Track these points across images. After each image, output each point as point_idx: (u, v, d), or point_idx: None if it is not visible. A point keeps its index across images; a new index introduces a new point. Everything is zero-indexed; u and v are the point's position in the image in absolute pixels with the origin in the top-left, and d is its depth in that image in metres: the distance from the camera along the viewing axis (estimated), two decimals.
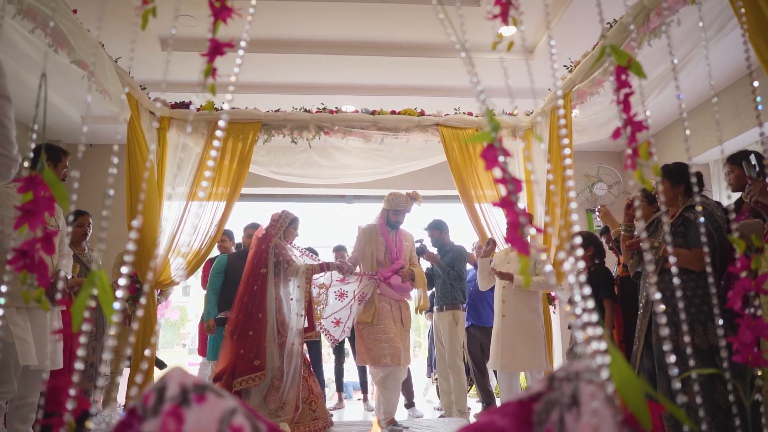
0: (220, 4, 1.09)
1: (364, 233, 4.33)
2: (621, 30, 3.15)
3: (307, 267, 4.11)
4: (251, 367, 3.78)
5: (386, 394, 4.07)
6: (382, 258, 4.24)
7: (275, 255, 4.09)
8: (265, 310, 3.94)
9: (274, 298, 3.99)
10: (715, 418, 2.37)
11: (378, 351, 4.01)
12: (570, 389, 0.74)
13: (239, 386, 3.75)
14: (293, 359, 3.88)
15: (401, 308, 4.23)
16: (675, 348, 2.57)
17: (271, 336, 3.90)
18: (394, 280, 4.13)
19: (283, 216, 4.24)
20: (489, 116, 0.93)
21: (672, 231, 2.65)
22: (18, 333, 2.61)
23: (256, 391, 3.82)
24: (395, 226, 4.32)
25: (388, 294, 4.17)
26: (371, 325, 4.08)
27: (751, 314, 1.04)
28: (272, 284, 4.02)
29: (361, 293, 4.17)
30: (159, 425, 0.68)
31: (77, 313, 0.88)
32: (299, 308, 4.01)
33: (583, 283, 0.86)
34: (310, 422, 3.88)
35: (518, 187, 0.87)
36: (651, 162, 1.03)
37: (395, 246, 4.28)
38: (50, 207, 1.04)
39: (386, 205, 4.33)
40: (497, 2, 1.12)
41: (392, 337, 4.06)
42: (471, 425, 0.77)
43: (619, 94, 1.09)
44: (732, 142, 4.83)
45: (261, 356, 3.82)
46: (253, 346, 3.84)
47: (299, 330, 3.96)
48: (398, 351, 4.03)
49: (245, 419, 0.70)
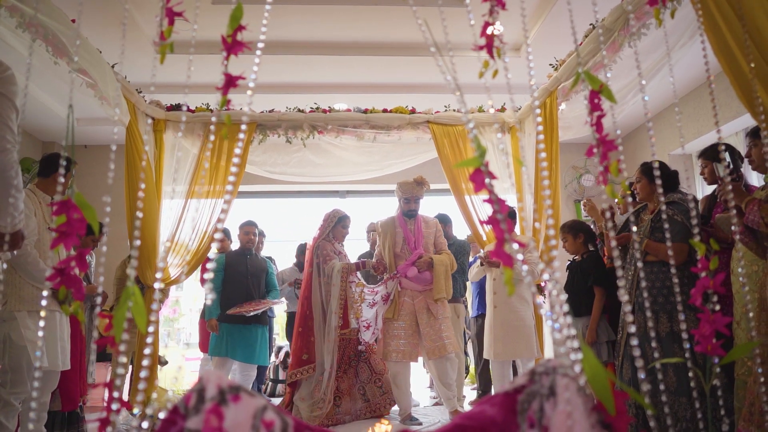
0: (231, 40, 1.20)
1: (381, 227, 4.33)
2: (603, 32, 3.27)
3: (343, 266, 4.26)
4: (300, 360, 4.18)
5: (396, 391, 4.14)
6: (399, 250, 4.21)
7: (317, 255, 4.32)
8: (311, 307, 4.25)
9: (319, 296, 4.25)
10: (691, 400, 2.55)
11: (393, 347, 4.03)
12: (548, 382, 0.88)
13: (290, 378, 4.17)
14: (332, 355, 4.12)
15: (427, 299, 4.12)
16: (656, 335, 2.72)
17: (318, 332, 4.20)
18: (410, 272, 4.07)
19: (331, 215, 4.44)
20: (477, 142, 1.05)
21: (652, 226, 2.80)
22: (29, 336, 2.72)
23: (306, 383, 4.14)
24: (410, 214, 4.28)
25: (410, 287, 4.13)
26: (391, 320, 4.11)
27: (710, 309, 1.17)
28: (317, 283, 4.28)
29: (386, 294, 4.21)
30: (202, 422, 0.80)
31: (118, 325, 1.00)
32: (336, 306, 4.20)
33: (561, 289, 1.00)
34: (380, 397, 4.26)
35: (503, 207, 1.00)
36: (620, 178, 1.16)
37: (413, 235, 4.22)
38: (82, 228, 1.15)
39: (397, 194, 4.34)
40: (483, 34, 1.24)
41: (411, 333, 4.04)
42: (465, 414, 0.90)
43: (593, 117, 1.22)
44: (712, 135, 5.00)
45: (309, 351, 4.17)
46: (303, 341, 4.21)
47: (336, 327, 4.17)
48: (414, 348, 4.03)
49: (275, 415, 0.82)
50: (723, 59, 1.93)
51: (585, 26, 3.72)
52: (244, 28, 1.20)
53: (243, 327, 4.49)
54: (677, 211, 2.73)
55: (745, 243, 2.19)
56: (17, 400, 2.72)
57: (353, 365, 4.32)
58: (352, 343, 4.32)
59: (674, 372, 2.61)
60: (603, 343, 3.42)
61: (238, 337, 4.47)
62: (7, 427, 2.65)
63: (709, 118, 5.05)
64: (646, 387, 0.96)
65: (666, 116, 5.78)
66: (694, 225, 1.11)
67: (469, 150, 4.91)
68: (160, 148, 4.68)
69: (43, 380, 2.88)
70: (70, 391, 3.45)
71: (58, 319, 2.94)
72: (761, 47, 1.74)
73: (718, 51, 1.94)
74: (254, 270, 4.75)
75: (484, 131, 4.99)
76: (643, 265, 2.82)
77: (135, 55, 4.50)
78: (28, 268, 2.69)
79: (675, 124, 5.53)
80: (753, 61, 1.70)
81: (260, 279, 4.79)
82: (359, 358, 4.35)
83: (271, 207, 8.26)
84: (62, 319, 3.02)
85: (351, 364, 4.31)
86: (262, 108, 4.97)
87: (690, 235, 2.66)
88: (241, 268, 4.66)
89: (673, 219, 2.73)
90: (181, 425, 0.83)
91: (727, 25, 1.84)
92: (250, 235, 4.77)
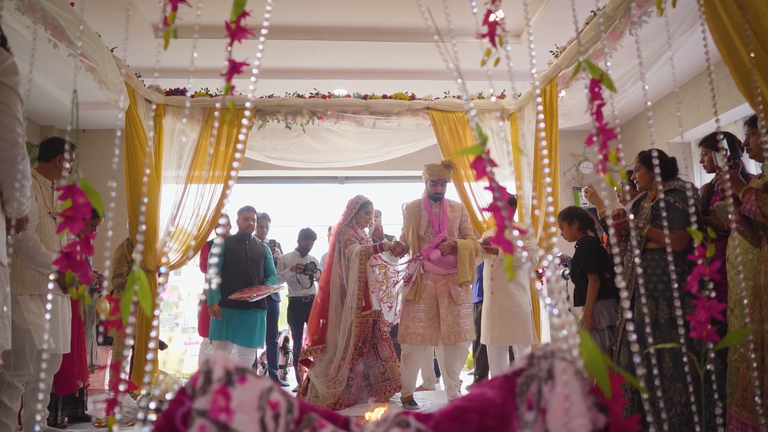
0: (235, 26, 1.21)
1: (407, 210, 4.32)
2: (604, 19, 3.27)
3: (362, 249, 4.30)
4: (313, 340, 4.34)
5: (404, 371, 4.19)
6: (422, 233, 4.20)
7: (339, 240, 4.39)
8: (328, 291, 4.35)
9: (338, 280, 4.34)
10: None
11: (412, 329, 4.04)
12: (546, 365, 0.90)
13: (303, 356, 4.36)
14: (348, 337, 4.19)
15: (449, 283, 4.10)
16: (656, 321, 2.74)
17: (334, 313, 4.30)
18: (433, 255, 4.05)
19: (355, 201, 4.48)
20: (478, 130, 1.07)
21: (653, 213, 2.81)
22: (32, 319, 2.75)
23: (320, 364, 4.27)
24: (436, 197, 4.25)
25: (433, 270, 4.11)
26: (412, 302, 4.11)
27: (706, 296, 1.20)
28: (337, 267, 4.37)
29: (407, 275, 4.23)
30: (210, 402, 0.83)
31: (125, 309, 1.01)
32: (354, 288, 4.26)
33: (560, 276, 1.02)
34: (382, 383, 4.34)
35: (504, 195, 1.02)
36: (619, 166, 1.18)
37: (437, 219, 4.21)
38: (87, 212, 1.16)
39: (423, 177, 4.31)
40: (485, 22, 1.24)
41: (431, 316, 4.04)
42: (465, 396, 0.93)
43: (593, 106, 1.23)
44: (711, 123, 5.00)
45: (319, 332, 4.31)
46: (315, 322, 4.36)
47: (354, 309, 4.22)
48: (434, 332, 4.03)
49: (281, 396, 0.84)
50: (723, 48, 1.94)
51: (586, 13, 3.71)
52: (248, 14, 1.20)
53: (244, 312, 4.55)
54: (678, 198, 2.74)
55: (740, 232, 2.21)
56: (20, 382, 2.75)
57: (371, 348, 4.37)
58: (369, 325, 4.37)
59: (671, 358, 2.65)
60: (604, 329, 3.41)
61: (238, 322, 4.53)
62: (10, 408, 2.69)
63: (708, 107, 5.06)
64: (642, 371, 0.99)
65: (664, 104, 5.77)
66: (692, 213, 1.13)
67: (468, 136, 4.91)
68: (159, 133, 4.68)
69: (47, 363, 2.91)
70: (65, 375, 3.46)
71: (60, 302, 2.97)
72: (761, 37, 1.75)
73: (718, 40, 1.95)
74: (254, 255, 4.79)
75: (484, 118, 4.99)
76: (643, 252, 2.84)
77: (134, 38, 4.47)
78: (29, 252, 2.72)
79: (673, 112, 5.53)
80: (753, 50, 1.71)
81: (260, 264, 4.84)
82: (372, 342, 4.40)
83: (270, 192, 8.27)
84: (64, 302, 3.05)
85: (368, 347, 4.36)
86: (262, 93, 4.95)
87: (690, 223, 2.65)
88: (240, 254, 4.70)
89: (675, 206, 2.74)
90: (188, 405, 0.85)
91: (728, 15, 1.84)
92: (249, 221, 4.80)
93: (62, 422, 3.71)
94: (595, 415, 0.86)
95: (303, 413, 0.85)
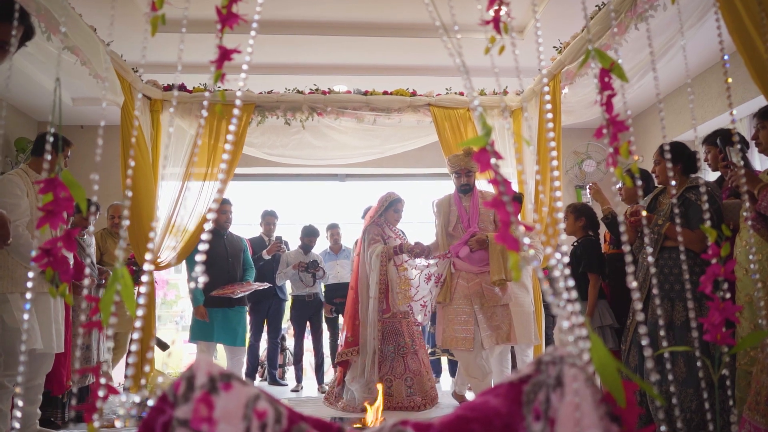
0: (226, 11, 1.14)
1: (437, 206, 4.04)
2: (607, 15, 3.20)
3: (383, 249, 4.18)
4: (347, 342, 4.23)
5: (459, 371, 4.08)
6: (452, 230, 3.90)
7: (365, 239, 4.30)
8: (358, 291, 4.25)
9: (366, 280, 4.23)
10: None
11: (450, 333, 3.73)
12: (555, 372, 0.84)
13: (338, 358, 4.24)
14: (375, 340, 4.09)
15: (482, 282, 3.76)
16: (671, 323, 2.64)
17: (363, 315, 4.19)
18: (462, 252, 3.74)
19: (384, 198, 4.37)
20: (482, 121, 1.00)
21: (678, 211, 2.71)
22: (24, 318, 2.69)
23: (354, 365, 4.16)
24: (464, 189, 3.92)
25: (465, 269, 3.80)
26: (445, 305, 3.82)
27: (720, 297, 1.13)
28: (363, 266, 4.26)
29: (438, 274, 3.97)
30: (191, 411, 0.76)
31: (105, 309, 0.95)
32: (375, 291, 4.14)
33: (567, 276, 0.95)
34: (405, 398, 4.04)
35: (509, 189, 0.96)
36: (630, 160, 1.11)
37: (467, 213, 3.89)
38: (69, 206, 1.11)
39: (448, 170, 4.07)
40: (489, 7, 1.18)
41: (467, 319, 3.70)
42: (468, 404, 0.86)
43: (603, 96, 1.17)
44: (719, 119, 4.93)
45: (353, 333, 4.19)
46: (351, 323, 4.25)
47: (377, 311, 4.11)
48: (471, 333, 3.67)
49: (268, 404, 0.78)
50: (738, 38, 1.87)
51: (591, 8, 3.64)
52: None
53: (227, 310, 4.39)
54: (700, 196, 2.64)
55: (756, 230, 2.14)
56: (11, 382, 2.70)
57: (400, 356, 4.14)
58: (396, 329, 4.15)
59: (684, 362, 2.56)
60: (605, 327, 3.37)
61: (221, 320, 4.37)
62: (1, 409, 2.63)
63: (714, 104, 4.98)
64: (655, 377, 0.93)
65: (669, 102, 5.71)
66: (713, 210, 1.06)
67: (470, 134, 4.84)
68: (156, 128, 4.62)
69: (38, 363, 2.85)
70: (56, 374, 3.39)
71: (53, 301, 2.91)
72: None
73: (732, 30, 1.88)
74: (233, 251, 4.63)
75: (487, 115, 4.92)
76: (660, 251, 2.75)
77: (131, 33, 4.41)
78: (20, 250, 2.64)
79: (678, 110, 5.46)
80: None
81: (239, 259, 4.68)
82: (400, 351, 4.16)
83: (270, 191, 8.21)
84: (57, 301, 2.99)
85: (398, 353, 4.14)
86: (261, 89, 4.89)
87: (717, 220, 2.50)
88: (219, 250, 4.50)
89: (697, 204, 2.58)
90: (169, 414, 0.79)
91: (743, 4, 1.77)
92: (227, 213, 4.61)
93: (68, 419, 3.67)
94: (608, 426, 0.79)
95: (292, 423, 0.79)
